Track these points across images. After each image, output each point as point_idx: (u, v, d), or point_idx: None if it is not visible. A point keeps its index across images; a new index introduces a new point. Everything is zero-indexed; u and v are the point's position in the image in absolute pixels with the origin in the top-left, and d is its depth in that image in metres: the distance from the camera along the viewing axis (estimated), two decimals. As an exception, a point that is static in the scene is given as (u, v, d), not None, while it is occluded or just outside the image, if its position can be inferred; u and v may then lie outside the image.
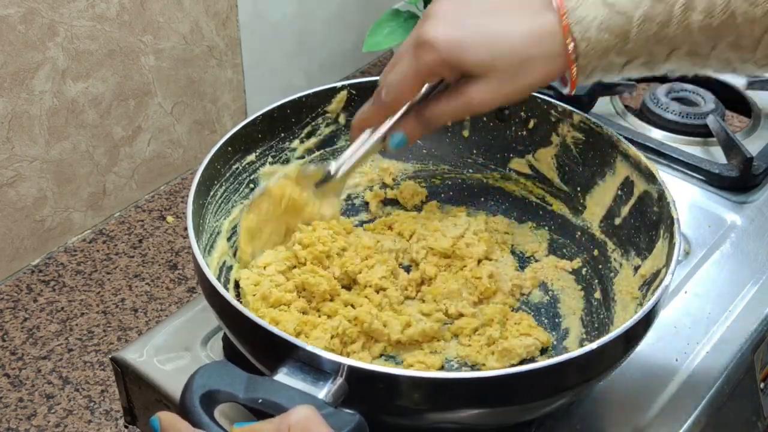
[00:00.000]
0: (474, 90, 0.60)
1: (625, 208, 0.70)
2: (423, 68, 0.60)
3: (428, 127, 0.65)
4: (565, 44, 0.58)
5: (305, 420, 0.46)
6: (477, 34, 0.59)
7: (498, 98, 0.60)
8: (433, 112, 0.63)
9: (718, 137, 0.89)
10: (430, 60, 0.59)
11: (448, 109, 0.63)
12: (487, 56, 0.59)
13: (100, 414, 0.88)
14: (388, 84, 0.63)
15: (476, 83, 0.60)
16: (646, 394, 0.65)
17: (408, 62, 0.61)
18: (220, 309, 0.58)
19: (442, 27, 0.59)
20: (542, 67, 0.59)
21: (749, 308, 0.72)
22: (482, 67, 0.59)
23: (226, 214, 0.70)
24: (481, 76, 0.59)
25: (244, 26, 1.17)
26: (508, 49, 0.59)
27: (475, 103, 0.61)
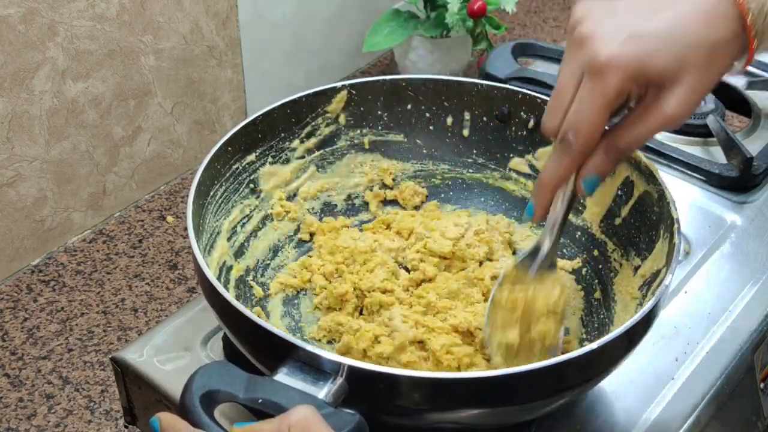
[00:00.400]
0: (669, 101, 0.54)
1: (625, 208, 0.70)
2: (610, 95, 0.53)
3: (621, 158, 0.58)
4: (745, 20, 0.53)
5: (305, 420, 0.46)
6: (654, 37, 0.53)
7: (695, 101, 0.54)
8: (625, 140, 0.56)
9: (718, 137, 0.89)
10: (615, 83, 0.53)
11: (643, 131, 0.55)
12: (675, 58, 0.53)
13: (100, 414, 0.88)
14: (575, 126, 0.55)
15: (669, 93, 0.54)
16: (646, 394, 0.65)
17: (589, 94, 0.54)
18: (220, 309, 0.58)
19: (611, 43, 0.53)
20: (729, 49, 0.54)
21: (749, 308, 0.72)
22: (673, 70, 0.53)
23: (226, 214, 0.70)
24: (671, 82, 0.54)
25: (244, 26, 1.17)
26: (693, 42, 0.53)
27: (674, 115, 0.54)
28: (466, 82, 0.77)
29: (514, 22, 1.53)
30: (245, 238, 0.72)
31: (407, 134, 0.79)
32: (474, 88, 0.77)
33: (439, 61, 1.25)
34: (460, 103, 0.78)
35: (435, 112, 0.78)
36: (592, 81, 0.53)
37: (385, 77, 0.76)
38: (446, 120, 0.79)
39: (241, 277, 0.70)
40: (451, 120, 0.78)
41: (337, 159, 0.78)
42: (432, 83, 0.77)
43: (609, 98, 0.53)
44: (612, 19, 0.54)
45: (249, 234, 0.73)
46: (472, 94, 0.77)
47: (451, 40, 1.25)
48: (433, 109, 0.78)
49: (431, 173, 0.80)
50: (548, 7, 1.59)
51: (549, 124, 0.57)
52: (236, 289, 0.69)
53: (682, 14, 0.53)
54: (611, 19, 0.54)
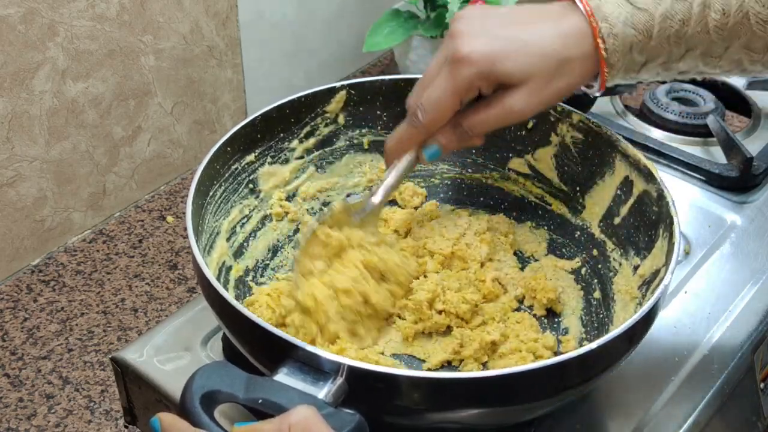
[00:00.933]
0: (513, 99, 0.60)
1: (624, 208, 0.70)
2: (461, 84, 0.60)
3: (464, 139, 0.64)
4: (596, 42, 0.59)
5: (305, 420, 0.46)
6: (511, 43, 0.60)
7: (537, 105, 0.61)
8: (471, 122, 0.63)
9: (718, 137, 0.89)
10: (467, 75, 0.60)
11: (487, 119, 0.62)
12: (524, 64, 0.59)
13: (100, 414, 0.88)
14: (425, 105, 0.62)
15: (515, 92, 0.60)
16: (646, 394, 0.65)
17: (444, 80, 0.61)
18: (220, 309, 0.58)
19: (474, 41, 0.60)
20: (578, 67, 0.60)
21: (749, 308, 0.72)
22: (520, 75, 0.60)
23: (225, 215, 0.70)
24: (519, 84, 0.60)
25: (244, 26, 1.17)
26: (544, 53, 0.60)
27: (515, 111, 0.61)
28: (465, 82, 0.77)
29: (514, 22, 1.53)
30: (244, 239, 0.72)
31: (407, 134, 0.79)
32: (473, 88, 0.77)
33: (439, 61, 1.25)
34: (459, 103, 0.77)
35: (435, 112, 0.78)
36: (448, 70, 0.60)
37: (384, 77, 0.76)
38: (446, 120, 0.78)
39: (240, 278, 0.70)
40: (451, 120, 0.78)
41: (337, 159, 0.78)
42: (431, 83, 0.77)
43: (458, 87, 0.60)
44: (482, 22, 0.61)
45: (248, 234, 0.73)
46: (471, 94, 0.77)
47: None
48: (433, 109, 0.78)
49: (430, 173, 0.80)
50: (548, 7, 1.59)
51: (410, 100, 0.64)
52: (236, 289, 0.69)
53: (543, 29, 0.60)
54: (482, 22, 0.61)
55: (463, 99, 0.62)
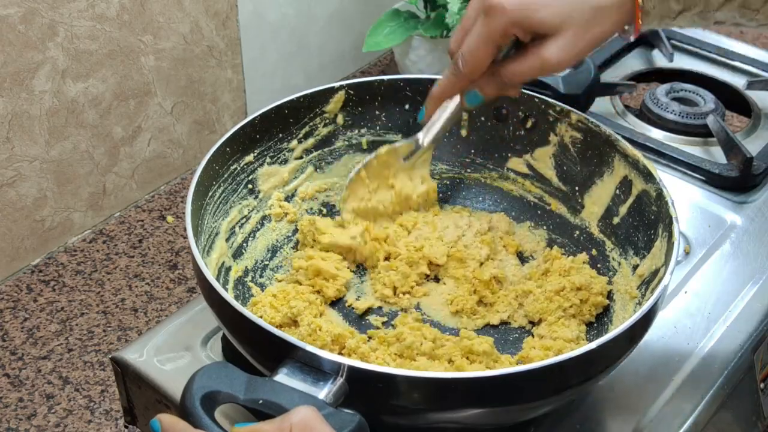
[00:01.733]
0: (548, 49, 0.60)
1: (623, 207, 0.70)
2: (495, 33, 0.61)
3: (503, 87, 0.65)
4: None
5: (306, 420, 0.46)
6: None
7: (573, 55, 0.61)
8: (508, 71, 0.63)
9: (718, 137, 0.89)
10: (499, 24, 0.60)
11: (523, 69, 0.63)
12: (558, 13, 0.59)
13: (100, 414, 0.88)
14: (464, 54, 0.63)
15: (550, 42, 0.60)
16: (646, 394, 0.65)
17: (479, 30, 0.61)
18: (220, 309, 0.58)
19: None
20: (613, 15, 0.60)
21: (749, 308, 0.72)
22: (555, 24, 0.60)
23: (224, 215, 0.70)
24: (553, 33, 0.60)
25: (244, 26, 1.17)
26: (579, 1, 0.59)
27: (552, 62, 0.61)
28: (465, 82, 0.77)
29: (514, 22, 1.53)
30: (244, 239, 0.72)
31: (405, 134, 0.79)
32: (473, 88, 0.77)
33: (439, 61, 1.25)
34: (459, 102, 0.78)
35: (434, 112, 0.78)
36: (483, 20, 0.61)
37: (383, 77, 0.76)
38: (445, 120, 0.78)
39: (239, 278, 0.70)
40: (450, 120, 0.78)
41: (335, 159, 0.78)
42: (429, 83, 0.77)
43: (493, 37, 0.61)
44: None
45: (247, 235, 0.73)
46: (471, 94, 0.77)
47: (451, 39, 1.25)
48: (433, 109, 0.78)
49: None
50: (548, 7, 1.59)
51: (451, 46, 0.66)
52: (235, 289, 0.69)
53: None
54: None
55: (500, 46, 0.62)
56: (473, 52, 0.63)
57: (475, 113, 0.78)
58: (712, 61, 1.03)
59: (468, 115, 0.78)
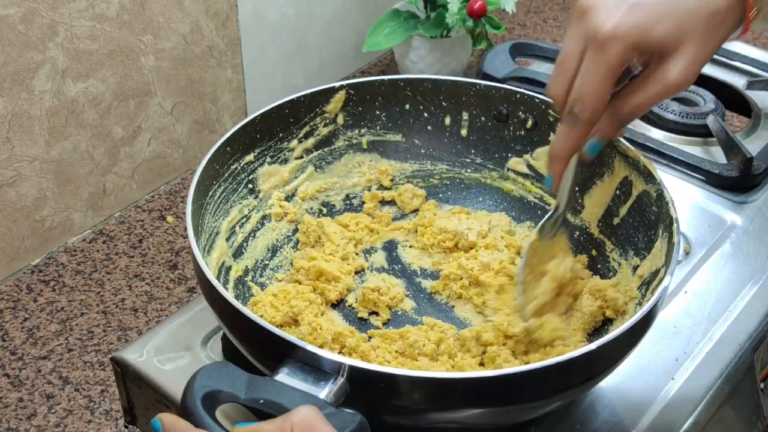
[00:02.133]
0: (670, 70, 0.55)
1: (623, 208, 0.70)
2: (614, 64, 0.55)
3: (624, 123, 0.60)
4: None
5: (307, 420, 0.46)
6: (655, 6, 0.55)
7: (696, 70, 0.56)
8: (630, 105, 0.58)
9: (718, 137, 0.89)
10: (618, 53, 0.54)
11: (646, 99, 0.57)
12: (675, 26, 0.54)
13: (100, 414, 0.88)
14: (582, 98, 0.57)
15: (671, 60, 0.55)
16: (647, 394, 0.65)
17: (594, 65, 0.55)
18: (220, 309, 0.58)
19: (613, 13, 0.54)
20: (727, 18, 0.55)
21: (749, 308, 0.72)
22: (674, 39, 0.55)
23: (224, 214, 0.70)
24: (672, 50, 0.55)
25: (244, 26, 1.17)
26: (692, 10, 0.55)
27: (677, 83, 0.56)
28: (463, 82, 0.77)
29: (514, 22, 1.53)
30: (244, 239, 0.72)
31: (405, 134, 0.79)
32: (472, 88, 0.77)
33: (439, 61, 1.25)
34: (458, 103, 0.78)
35: (433, 112, 0.78)
36: (596, 52, 0.55)
37: (383, 77, 0.76)
38: (444, 120, 0.79)
39: (240, 278, 0.70)
40: (449, 120, 0.79)
41: (336, 159, 0.78)
42: (430, 83, 0.77)
43: (612, 68, 0.55)
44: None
45: (248, 234, 0.73)
46: (470, 94, 0.77)
47: (451, 40, 1.25)
48: (431, 109, 0.78)
49: (429, 173, 0.80)
50: (548, 7, 1.59)
51: (554, 92, 0.59)
52: (235, 289, 0.69)
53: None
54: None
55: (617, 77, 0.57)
56: (592, 94, 0.56)
57: (474, 114, 0.78)
58: (712, 61, 1.03)
59: (468, 116, 0.78)
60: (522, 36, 1.49)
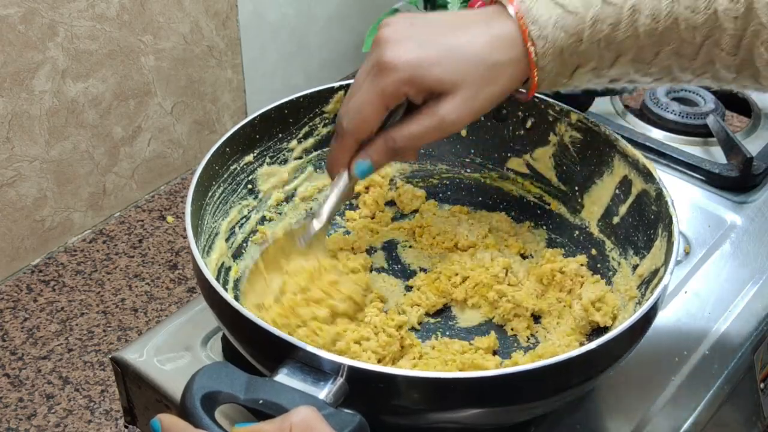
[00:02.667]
0: (444, 108, 0.58)
1: (623, 207, 0.70)
2: (388, 91, 0.58)
3: (396, 152, 0.62)
4: (526, 46, 0.58)
5: (306, 420, 0.46)
6: (438, 49, 0.58)
7: (470, 113, 0.59)
8: (403, 134, 0.61)
9: (718, 137, 0.89)
10: (391, 81, 0.58)
11: (419, 130, 0.60)
12: (454, 70, 0.58)
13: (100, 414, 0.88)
14: (349, 112, 0.60)
15: (445, 101, 0.58)
16: (646, 394, 0.65)
17: (368, 87, 0.59)
18: (220, 310, 0.58)
19: (399, 47, 0.58)
20: (509, 71, 0.59)
21: (749, 308, 0.72)
22: (450, 81, 0.58)
23: (224, 215, 0.70)
24: (449, 91, 0.58)
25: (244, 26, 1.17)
26: (474, 58, 0.58)
27: (447, 122, 0.59)
28: (465, 82, 0.77)
29: (514, 22, 1.53)
30: (243, 239, 0.72)
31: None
32: (473, 88, 0.77)
33: (438, 61, 1.25)
34: (459, 103, 0.77)
35: (434, 112, 0.78)
36: (374, 77, 0.59)
37: (384, 77, 0.76)
38: (445, 120, 0.78)
39: (239, 278, 0.70)
40: (451, 120, 0.78)
41: (337, 159, 0.78)
42: (431, 83, 0.77)
43: (384, 95, 0.58)
44: (409, 29, 0.59)
45: (247, 235, 0.73)
46: (471, 94, 0.77)
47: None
48: (433, 109, 0.78)
49: (429, 173, 0.80)
50: (548, 7, 1.59)
51: (339, 112, 0.62)
52: (235, 289, 0.69)
53: (472, 35, 0.59)
54: (408, 29, 0.59)
55: (389, 106, 0.60)
56: (360, 111, 0.59)
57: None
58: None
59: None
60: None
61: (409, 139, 0.61)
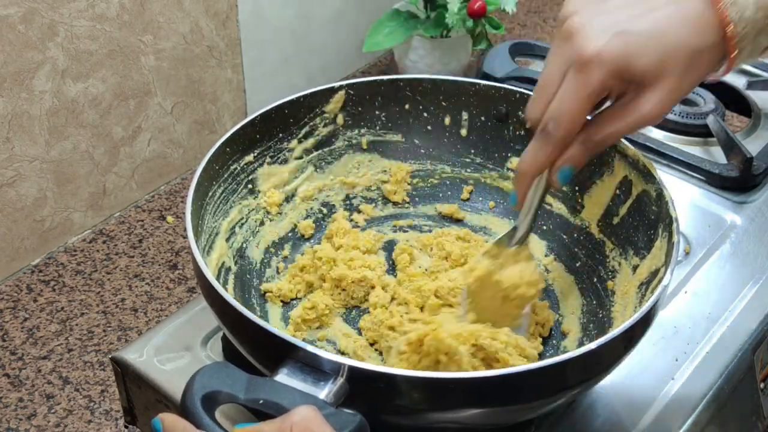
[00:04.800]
0: (647, 101, 0.55)
1: (623, 208, 0.70)
2: (594, 89, 0.55)
3: (596, 152, 0.59)
4: (725, 29, 0.54)
5: (307, 420, 0.46)
6: (639, 36, 0.54)
7: (672, 103, 0.56)
8: (603, 133, 0.57)
9: (718, 137, 0.89)
10: (599, 77, 0.54)
11: (621, 128, 0.57)
12: (659, 60, 0.54)
13: (100, 414, 0.88)
14: (557, 117, 0.56)
15: (648, 93, 0.55)
16: (647, 394, 0.65)
17: (573, 86, 0.55)
18: (220, 310, 0.58)
19: (600, 37, 0.54)
20: (708, 57, 0.55)
21: (749, 308, 0.72)
22: (654, 71, 0.54)
23: (224, 215, 0.70)
24: (652, 82, 0.55)
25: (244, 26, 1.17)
26: (677, 46, 0.54)
27: (652, 115, 0.56)
28: (463, 81, 0.77)
29: (514, 22, 1.53)
30: (244, 239, 0.72)
31: (405, 134, 0.79)
32: (471, 87, 0.77)
33: (439, 61, 1.25)
34: (457, 102, 0.78)
35: (433, 112, 0.78)
36: (577, 74, 0.55)
37: (383, 77, 0.76)
38: (444, 120, 0.79)
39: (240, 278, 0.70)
40: (449, 120, 0.79)
41: (335, 159, 0.78)
42: (430, 83, 0.77)
43: (592, 91, 0.55)
44: (601, 16, 0.55)
45: (247, 235, 0.73)
46: (469, 94, 0.77)
47: (451, 40, 1.25)
48: (431, 109, 0.78)
49: (429, 173, 0.80)
50: (548, 7, 1.59)
51: (532, 113, 0.59)
52: (235, 289, 0.69)
53: (667, 17, 0.55)
54: (600, 16, 0.55)
55: (594, 103, 0.56)
56: (568, 114, 0.56)
57: (474, 113, 0.78)
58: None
59: (468, 116, 0.78)
60: (522, 36, 1.49)
61: (609, 137, 0.58)
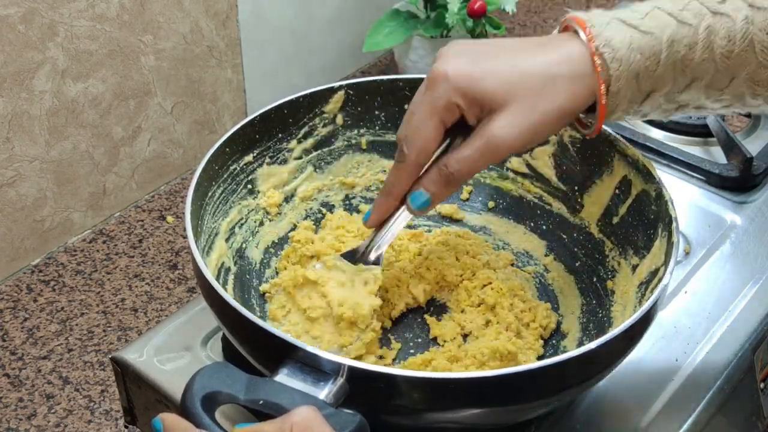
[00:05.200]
0: (495, 126, 0.55)
1: (622, 207, 0.70)
2: (440, 104, 0.56)
3: (452, 182, 0.58)
4: (594, 63, 0.55)
5: (307, 420, 0.46)
6: (494, 64, 0.56)
7: (522, 131, 0.55)
8: (454, 159, 0.57)
9: (718, 137, 0.89)
10: (445, 94, 0.56)
11: (471, 155, 0.57)
12: (505, 82, 0.55)
13: (100, 414, 0.88)
14: (408, 136, 0.58)
15: (497, 117, 0.55)
16: (646, 394, 0.65)
17: (422, 103, 0.57)
18: (220, 310, 0.58)
19: (455, 60, 0.56)
20: (569, 87, 0.55)
21: (749, 308, 0.72)
22: (501, 94, 0.55)
23: (224, 215, 0.70)
24: (500, 106, 0.55)
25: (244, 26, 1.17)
26: (529, 71, 0.55)
27: (498, 139, 0.55)
28: (465, 82, 0.77)
29: (514, 22, 1.53)
30: (243, 239, 0.72)
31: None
32: (473, 88, 0.77)
33: (438, 61, 1.25)
34: (459, 103, 0.77)
35: (434, 112, 0.78)
36: (426, 92, 0.57)
37: (383, 77, 0.76)
38: (445, 120, 0.78)
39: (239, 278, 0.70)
40: (450, 120, 0.78)
41: (335, 159, 0.78)
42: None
43: (437, 107, 0.56)
44: (469, 47, 0.58)
45: (247, 235, 0.73)
46: (471, 94, 0.77)
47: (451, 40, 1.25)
48: (433, 109, 0.78)
49: None
50: (548, 7, 1.59)
51: (398, 134, 0.60)
52: (235, 289, 0.69)
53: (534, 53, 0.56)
54: (468, 46, 0.58)
55: (445, 121, 0.57)
56: (417, 133, 0.57)
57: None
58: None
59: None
60: (522, 36, 1.49)
61: (461, 162, 0.57)
